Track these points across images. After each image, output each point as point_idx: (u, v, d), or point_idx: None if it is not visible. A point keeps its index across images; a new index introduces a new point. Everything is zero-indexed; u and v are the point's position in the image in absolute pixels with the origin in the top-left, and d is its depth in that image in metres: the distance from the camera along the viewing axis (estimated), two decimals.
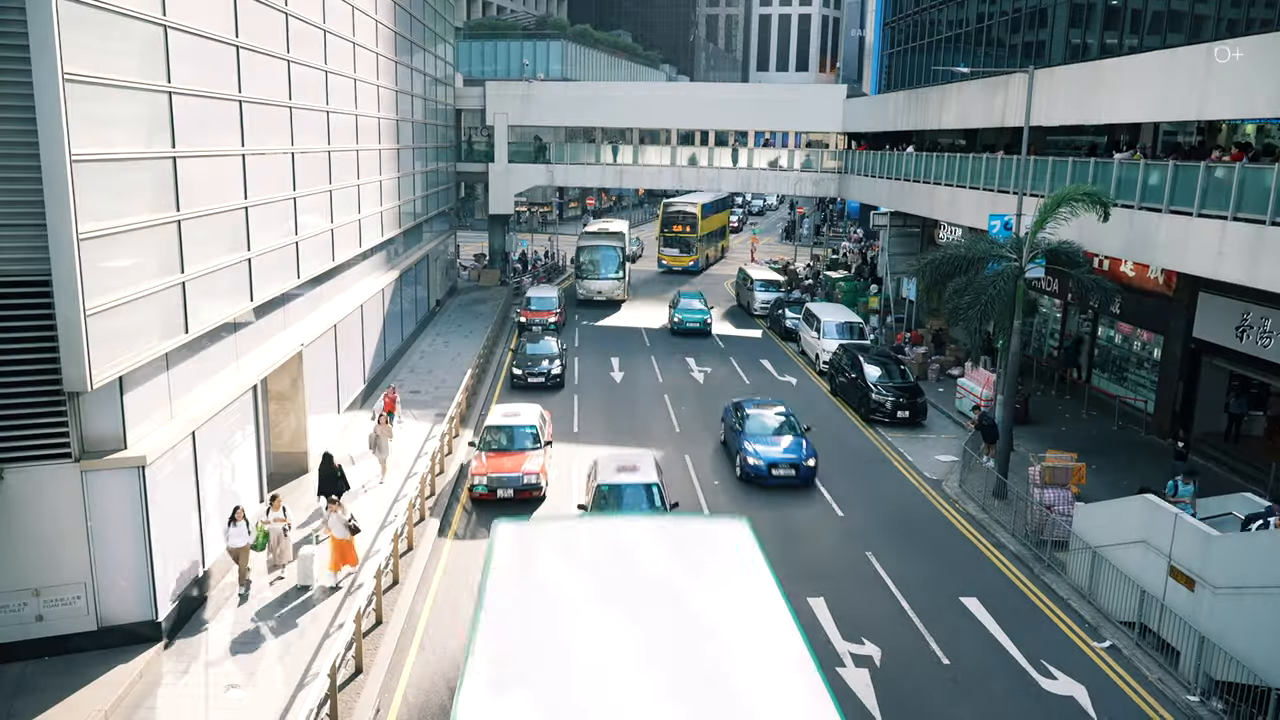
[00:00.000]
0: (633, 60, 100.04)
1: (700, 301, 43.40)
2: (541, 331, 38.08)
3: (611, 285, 48.32)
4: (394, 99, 33.73)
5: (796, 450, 24.50)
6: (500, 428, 23.94)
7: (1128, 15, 26.97)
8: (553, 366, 32.88)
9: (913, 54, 44.55)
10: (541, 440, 23.79)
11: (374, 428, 23.96)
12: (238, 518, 17.39)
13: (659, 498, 19.88)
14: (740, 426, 25.75)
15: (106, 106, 13.77)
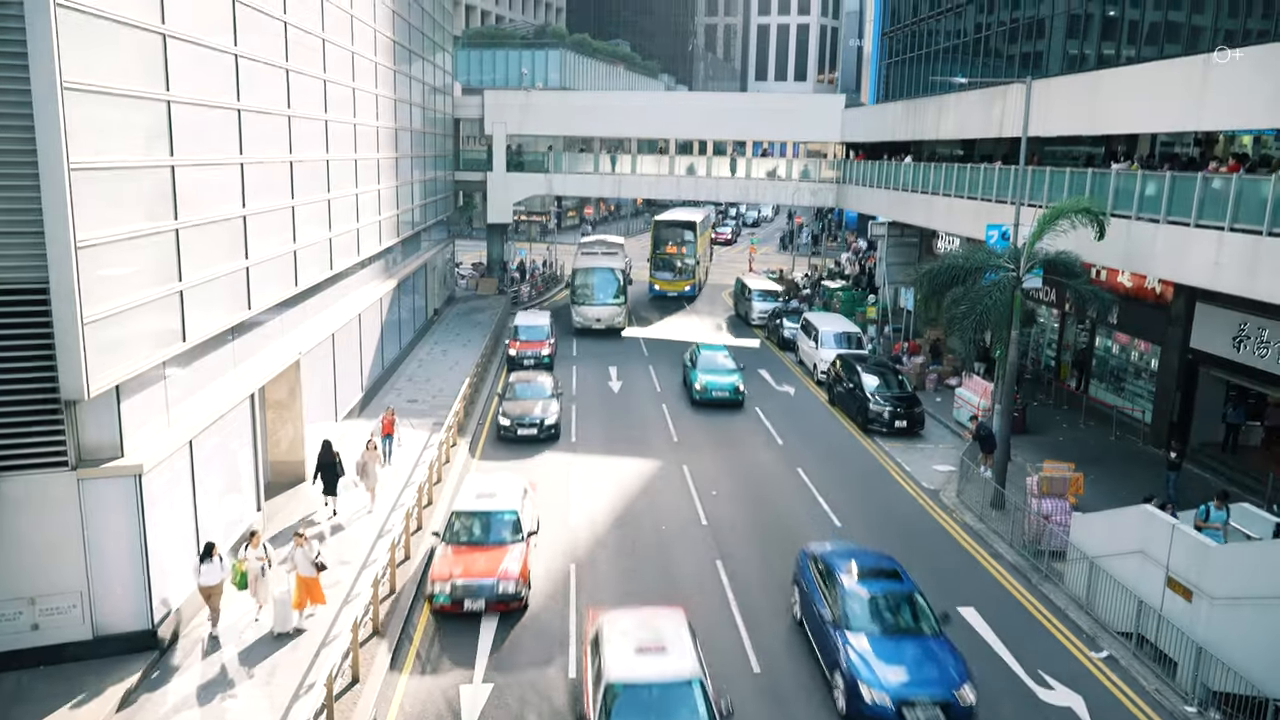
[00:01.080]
0: (631, 70, 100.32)
1: (726, 358, 33.86)
2: (534, 365, 35.38)
3: (611, 312, 43.44)
4: (393, 107, 33.79)
5: (942, 672, 14.37)
6: (471, 515, 18.84)
7: (1125, 26, 27.08)
8: (547, 414, 27.94)
9: (911, 64, 44.69)
10: (524, 529, 18.82)
11: (362, 454, 22.38)
12: (212, 554, 16.28)
13: (705, 705, 12.74)
14: (836, 615, 15.58)
15: (105, 115, 13.78)
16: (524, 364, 35.58)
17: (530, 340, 36.62)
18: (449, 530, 18.72)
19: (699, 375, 32.64)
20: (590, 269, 44.12)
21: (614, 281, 43.75)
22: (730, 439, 28.89)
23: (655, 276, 52.87)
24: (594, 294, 43.53)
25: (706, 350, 34.35)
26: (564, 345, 40.37)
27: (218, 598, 16.48)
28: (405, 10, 35.70)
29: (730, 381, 32.24)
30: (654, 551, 20.78)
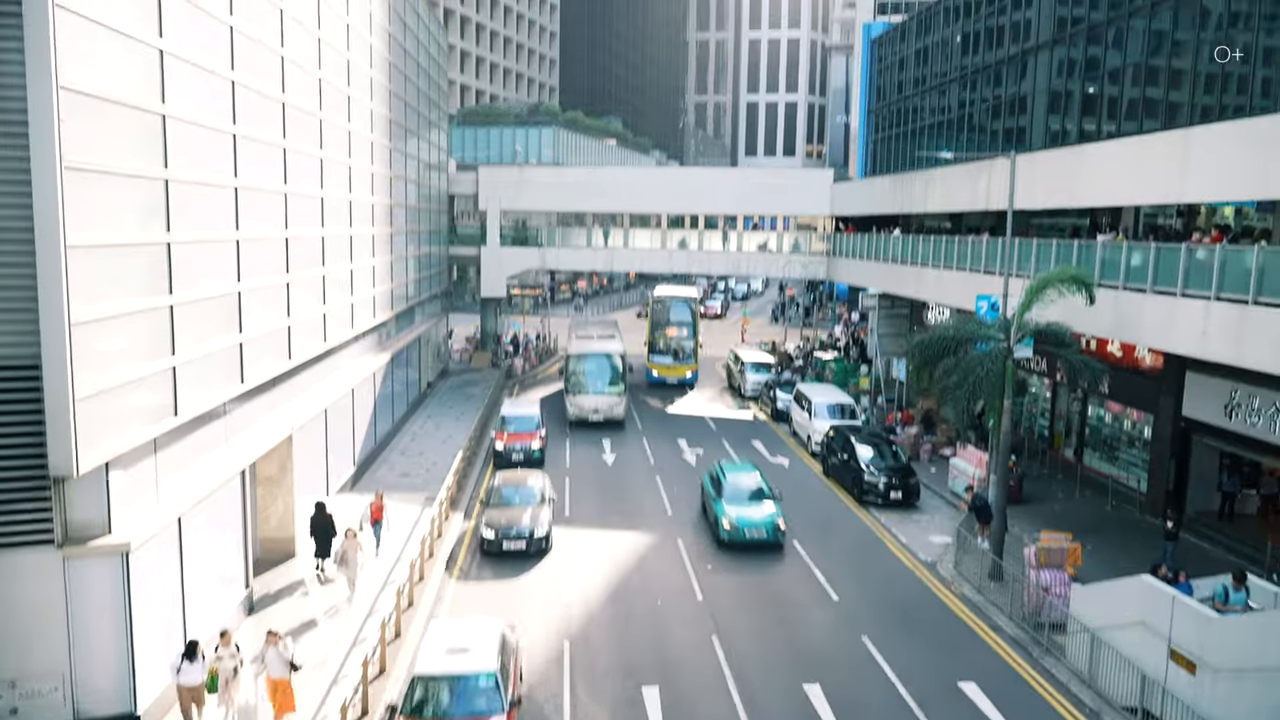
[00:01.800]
0: (623, 145, 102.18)
1: (757, 480, 26.88)
2: (524, 461, 32.29)
3: (610, 402, 39.59)
4: (388, 183, 34.27)
5: None
6: (438, 680, 14.91)
7: (1104, 102, 27.74)
8: (537, 524, 24.18)
9: (897, 140, 45.60)
10: (505, 698, 14.76)
11: (342, 542, 21.14)
12: (196, 652, 15.29)
13: None
14: None
15: (103, 194, 13.93)
16: (512, 459, 32.38)
17: (519, 432, 33.16)
18: (408, 702, 14.66)
19: (726, 509, 25.50)
20: (585, 355, 40.54)
21: (612, 368, 40.05)
22: None
23: (653, 361, 48.16)
24: (591, 382, 39.93)
25: (733, 472, 27.34)
26: (556, 438, 37.05)
27: (201, 698, 15.46)
28: (402, 90, 36.44)
29: (767, 517, 25.28)
30: (648, 628, 20.46)
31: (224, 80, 18.34)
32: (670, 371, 48.03)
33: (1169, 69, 24.50)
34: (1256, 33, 21.13)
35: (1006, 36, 33.81)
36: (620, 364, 40.34)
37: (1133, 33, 26.03)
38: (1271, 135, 19.71)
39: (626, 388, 40.67)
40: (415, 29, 39.55)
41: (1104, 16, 27.31)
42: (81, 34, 13.10)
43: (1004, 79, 33.96)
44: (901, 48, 45.54)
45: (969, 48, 37.18)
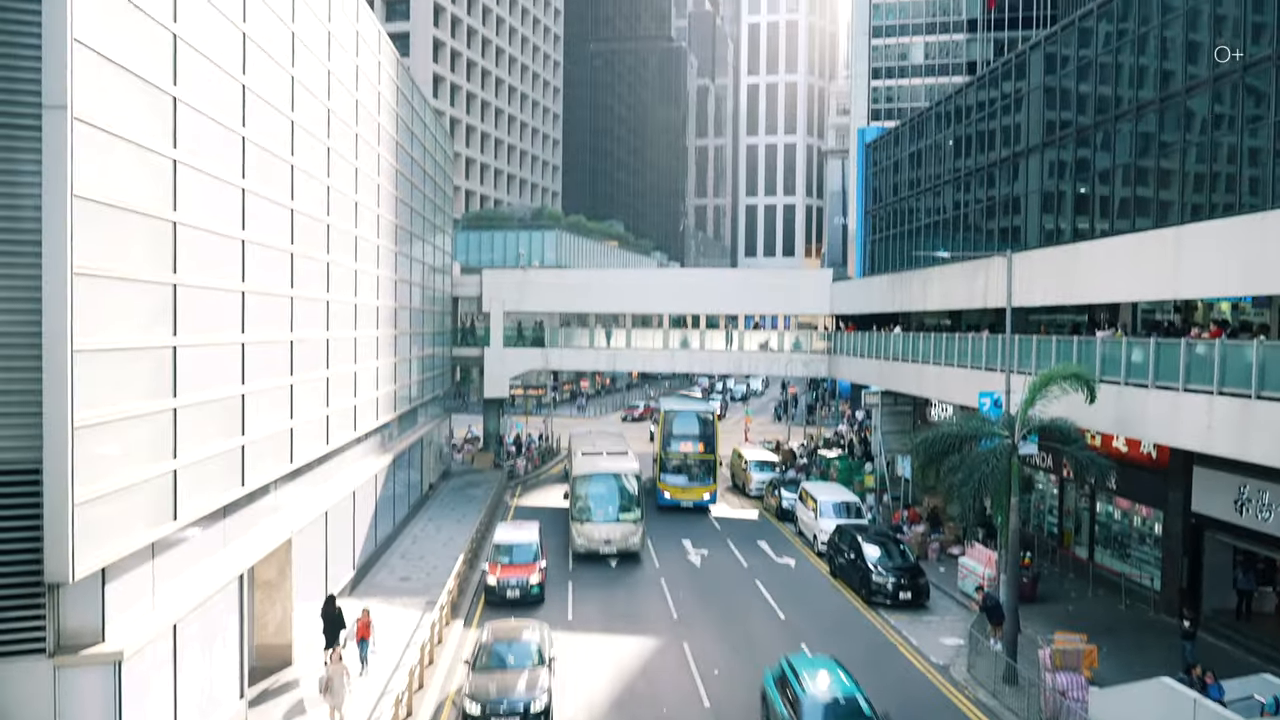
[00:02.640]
0: (625, 247, 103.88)
1: (848, 687, 18.78)
2: (520, 599, 27.97)
3: (623, 532, 33.76)
4: (393, 287, 34.72)
5: None
6: None
7: (1096, 202, 28.29)
8: (534, 694, 19.77)
9: (894, 239, 46.35)
10: None
11: (325, 667, 19.75)
12: None
13: None
14: None
15: (112, 298, 14.11)
16: (506, 596, 27.96)
17: (516, 563, 28.68)
18: None
19: None
20: (593, 475, 35.26)
21: (625, 492, 34.68)
22: (732, 614, 28.11)
23: (665, 482, 43.08)
24: (601, 508, 34.27)
25: (808, 666, 19.61)
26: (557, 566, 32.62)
27: None
28: (409, 196, 37.25)
29: None
30: None
31: (235, 188, 18.78)
32: (685, 494, 42.81)
33: (1158, 169, 25.05)
34: (1240, 134, 21.68)
35: (998, 140, 34.69)
36: (634, 486, 35.13)
37: (1120, 135, 26.72)
38: (1259, 232, 20.05)
39: (643, 514, 34.91)
40: (422, 137, 40.66)
41: (1091, 120, 28.07)
42: (97, 144, 13.48)
43: (997, 180, 34.71)
44: (895, 151, 46.69)
45: (961, 151, 38.11)
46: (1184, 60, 23.86)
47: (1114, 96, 26.96)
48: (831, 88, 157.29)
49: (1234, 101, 21.93)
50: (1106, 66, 27.44)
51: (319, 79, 24.62)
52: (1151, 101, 25.08)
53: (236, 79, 18.74)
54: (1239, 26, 21.75)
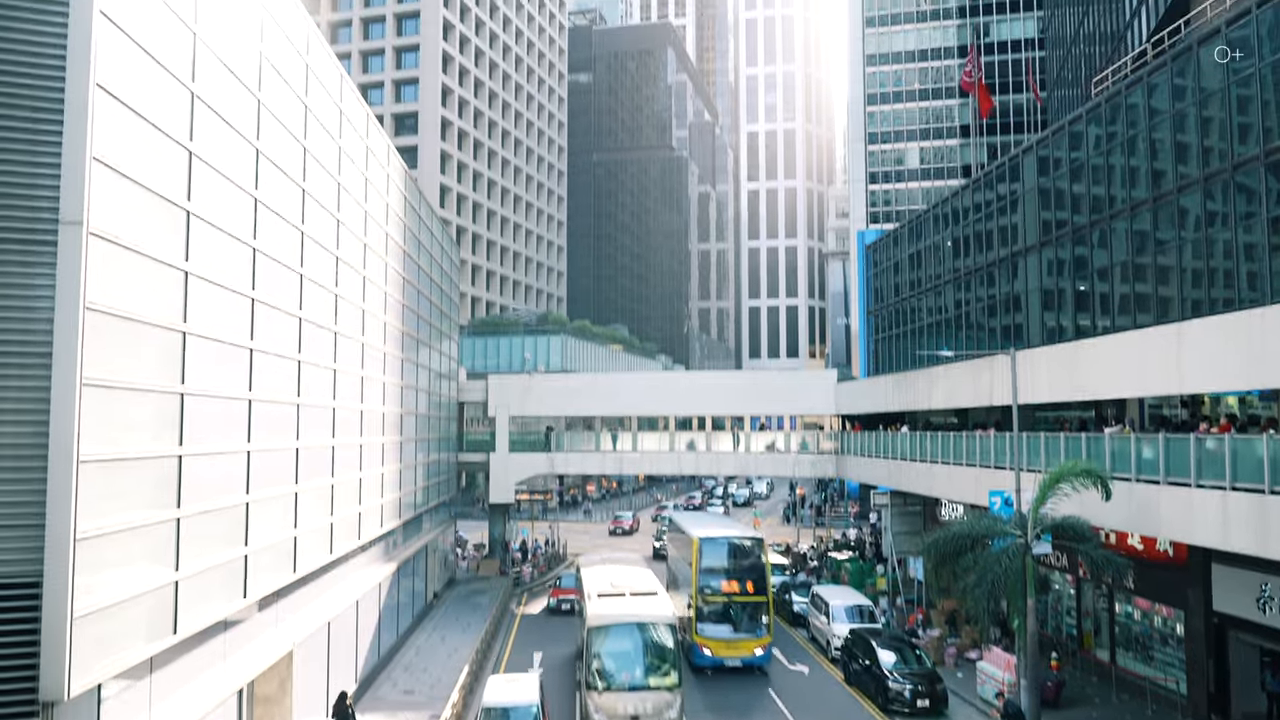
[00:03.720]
0: (630, 351, 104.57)
1: None
2: None
3: (657, 704, 25.12)
4: (399, 393, 34.84)
5: None
6: None
7: (1096, 299, 28.54)
8: None
9: (897, 339, 46.62)
10: None
11: None
12: None
13: None
14: None
15: (119, 408, 14.17)
16: None
17: None
18: None
19: None
20: (612, 627, 26.66)
21: (657, 647, 26.35)
22: None
23: (703, 634, 32.17)
24: (625, 670, 25.77)
25: None
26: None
27: None
28: (415, 303, 37.74)
29: None
30: None
31: (244, 299, 19.05)
32: (730, 649, 32.11)
33: (1155, 266, 25.34)
34: (1234, 230, 22.01)
35: (995, 240, 35.22)
36: (670, 638, 26.57)
37: (1116, 234, 27.13)
38: (1259, 327, 20.15)
39: (681, 677, 25.92)
40: (429, 246, 41.42)
41: (1087, 220, 28.55)
42: (111, 258, 13.75)
43: (997, 279, 35.10)
44: (895, 252, 47.39)
45: (960, 251, 38.67)
46: (1174, 160, 24.40)
47: (1108, 196, 27.48)
48: (830, 192, 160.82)
49: (1226, 199, 22.33)
50: (1099, 167, 28.06)
51: (329, 192, 25.25)
52: (1145, 200, 25.55)
53: (249, 193, 19.22)
54: (1224, 128, 22.32)
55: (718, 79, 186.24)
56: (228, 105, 18.07)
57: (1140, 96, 25.90)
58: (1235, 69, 21.93)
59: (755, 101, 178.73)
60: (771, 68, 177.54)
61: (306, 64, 23.31)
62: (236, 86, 18.55)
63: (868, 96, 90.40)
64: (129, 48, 14.29)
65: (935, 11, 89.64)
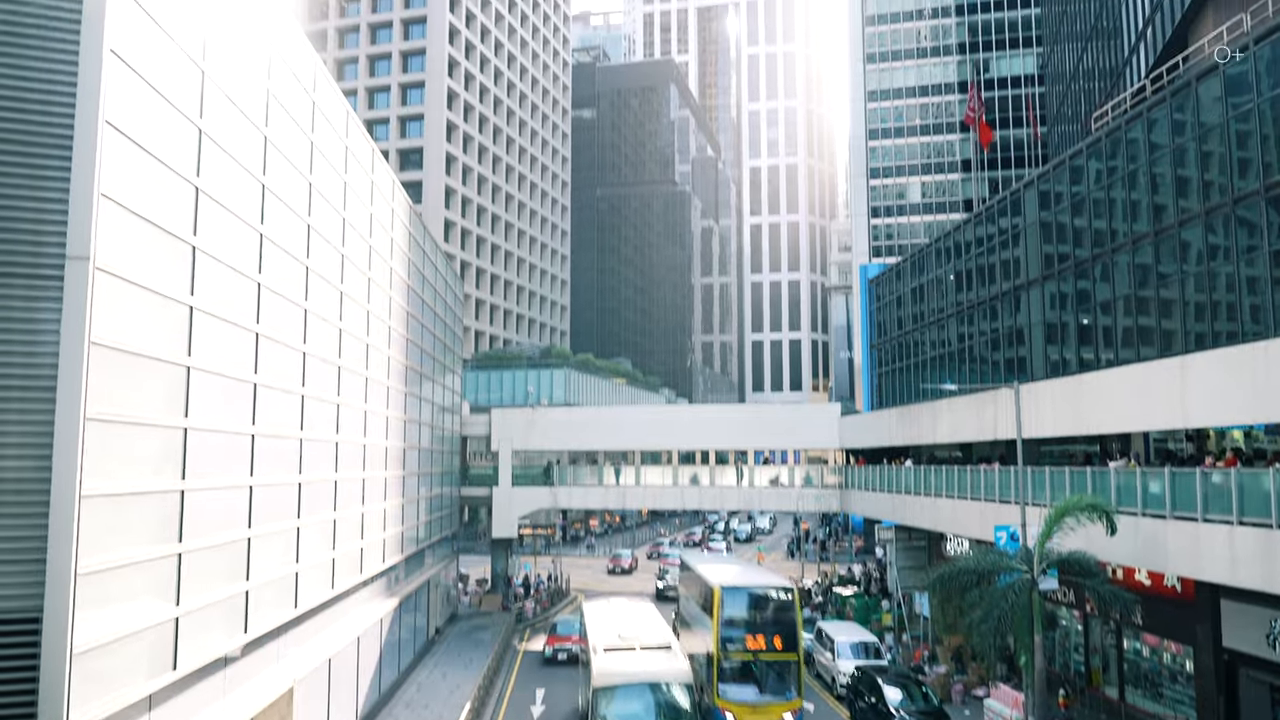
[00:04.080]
0: (633, 385, 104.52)
1: None
2: None
3: None
4: (402, 427, 34.80)
5: None
6: None
7: (1099, 332, 28.53)
8: None
9: (900, 373, 46.58)
10: None
11: None
12: None
13: None
14: None
15: (122, 443, 14.17)
16: None
17: None
18: None
19: None
20: (621, 687, 24.46)
21: (672, 709, 24.29)
22: None
23: (725, 698, 28.18)
24: None
25: None
26: None
27: None
28: (419, 337, 37.81)
29: None
30: None
31: (248, 333, 19.10)
32: (757, 715, 28.08)
33: (1158, 299, 25.36)
34: (1236, 264, 22.05)
35: (998, 273, 35.30)
36: (686, 699, 24.50)
37: (1118, 267, 27.19)
38: (1264, 360, 20.12)
39: None
40: (433, 280, 41.58)
41: (1089, 253, 28.63)
42: (116, 293, 13.82)
43: (1000, 313, 35.14)
44: (898, 286, 47.49)
45: (963, 285, 38.74)
46: (1175, 194, 24.51)
47: (1109, 230, 27.57)
48: (832, 226, 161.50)
49: (1227, 233, 22.40)
50: (1100, 201, 28.18)
51: (334, 227, 25.40)
52: (1146, 234, 25.63)
53: (254, 228, 19.34)
54: (1224, 162, 22.44)
55: (720, 114, 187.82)
56: (234, 141, 18.24)
57: (1140, 131, 26.07)
58: (1234, 104, 22.10)
59: (758, 136, 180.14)
60: (774, 103, 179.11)
61: (313, 100, 23.56)
62: (243, 123, 18.74)
63: (869, 131, 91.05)
64: (138, 85, 14.46)
65: (935, 48, 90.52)
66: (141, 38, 14.53)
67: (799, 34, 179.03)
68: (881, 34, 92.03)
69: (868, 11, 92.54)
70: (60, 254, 13.18)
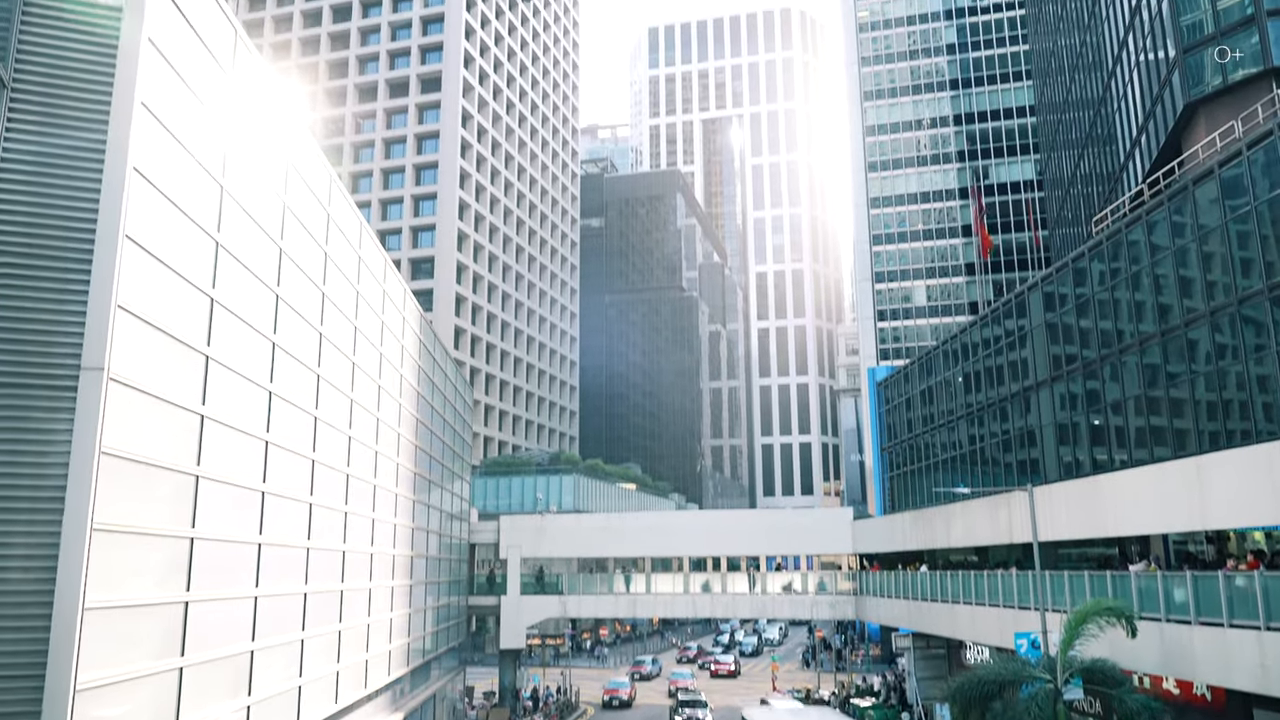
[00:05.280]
0: (643, 490, 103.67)
1: None
2: None
3: None
4: (409, 536, 34.44)
5: None
6: None
7: (1112, 433, 28.35)
8: None
9: (913, 475, 46.17)
10: None
11: None
12: None
13: None
14: None
15: (128, 554, 14.04)
16: None
17: None
18: None
19: None
20: None
21: None
22: None
23: None
24: None
25: None
26: None
27: None
28: (428, 444, 37.75)
29: None
30: None
31: (258, 441, 19.13)
32: None
33: (1169, 399, 25.28)
34: (1246, 363, 22.04)
35: (1006, 375, 35.33)
36: None
37: (1127, 368, 27.20)
38: None
39: None
40: (443, 387, 41.77)
41: (1096, 354, 28.69)
42: (129, 403, 13.91)
43: (1010, 414, 35.01)
44: (907, 389, 47.50)
45: (972, 387, 38.73)
46: (1179, 295, 24.69)
47: (1115, 330, 27.70)
48: (839, 329, 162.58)
49: (1234, 332, 22.47)
50: (1105, 303, 28.38)
51: (346, 335, 25.69)
52: (1153, 335, 25.72)
53: (267, 338, 19.57)
54: (1226, 263, 22.67)
55: (726, 221, 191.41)
56: (250, 253, 18.61)
57: (1141, 234, 26.45)
58: (1231, 206, 22.46)
59: (763, 243, 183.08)
60: (778, 210, 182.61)
61: (328, 213, 24.13)
62: (259, 235, 19.16)
63: (873, 237, 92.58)
64: (159, 201, 14.85)
65: (935, 156, 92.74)
66: (165, 155, 14.99)
67: (801, 144, 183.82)
68: (882, 143, 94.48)
69: (867, 122, 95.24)
70: (75, 364, 13.31)
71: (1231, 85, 32.06)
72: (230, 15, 17.78)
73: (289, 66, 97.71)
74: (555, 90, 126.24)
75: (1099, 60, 48.29)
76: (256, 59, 19.28)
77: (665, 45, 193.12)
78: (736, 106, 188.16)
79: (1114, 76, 44.92)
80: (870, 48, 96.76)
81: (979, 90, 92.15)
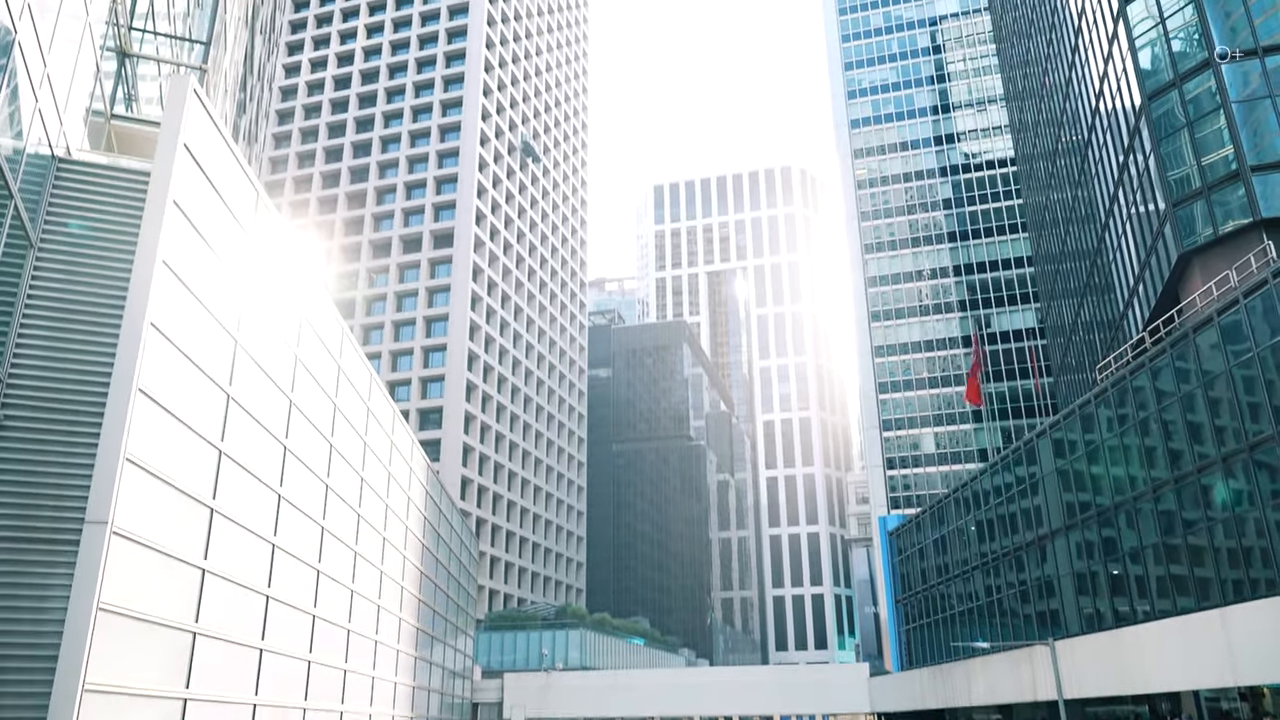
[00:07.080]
0: (651, 645, 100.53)
1: None
2: None
3: None
4: (410, 696, 33.23)
5: None
6: None
7: (1132, 582, 27.66)
8: None
9: (929, 628, 44.80)
10: None
11: None
12: None
13: None
14: None
15: (118, 714, 13.53)
16: None
17: None
18: None
19: None
20: None
21: None
22: None
23: None
24: None
25: None
26: None
27: None
28: (432, 598, 36.93)
29: None
30: None
31: (259, 596, 18.73)
32: None
33: (1188, 546, 24.77)
34: (1264, 508, 21.70)
35: (1020, 523, 34.78)
36: None
37: (1142, 515, 26.79)
38: None
39: None
40: (448, 539, 41.20)
41: (1110, 501, 28.31)
42: (131, 557, 13.71)
43: (1026, 564, 34.27)
44: (919, 538, 46.69)
45: (985, 535, 38.07)
46: (1189, 440, 24.56)
47: (1128, 477, 27.43)
48: (849, 478, 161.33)
49: (1249, 478, 22.23)
50: (1115, 449, 28.23)
51: (352, 487, 25.55)
52: (1166, 481, 25.46)
53: (273, 489, 19.47)
54: (1234, 408, 22.65)
55: (733, 371, 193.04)
56: (260, 406, 18.73)
57: (1146, 380, 26.56)
58: (1233, 351, 22.62)
59: (770, 392, 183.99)
60: (784, 359, 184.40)
61: (338, 365, 24.43)
62: (270, 388, 19.33)
63: (879, 385, 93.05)
64: (174, 355, 15.06)
65: (937, 305, 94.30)
66: (182, 310, 15.30)
67: (804, 295, 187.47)
68: (884, 294, 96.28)
69: (869, 274, 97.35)
70: (80, 518, 13.19)
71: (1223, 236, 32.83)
72: (253, 177, 18.51)
73: (306, 224, 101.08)
74: (564, 245, 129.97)
75: (1091, 213, 49.70)
76: (276, 218, 19.95)
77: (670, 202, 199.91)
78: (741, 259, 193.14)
79: (1107, 229, 46.11)
80: (869, 203, 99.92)
81: (977, 242, 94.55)
